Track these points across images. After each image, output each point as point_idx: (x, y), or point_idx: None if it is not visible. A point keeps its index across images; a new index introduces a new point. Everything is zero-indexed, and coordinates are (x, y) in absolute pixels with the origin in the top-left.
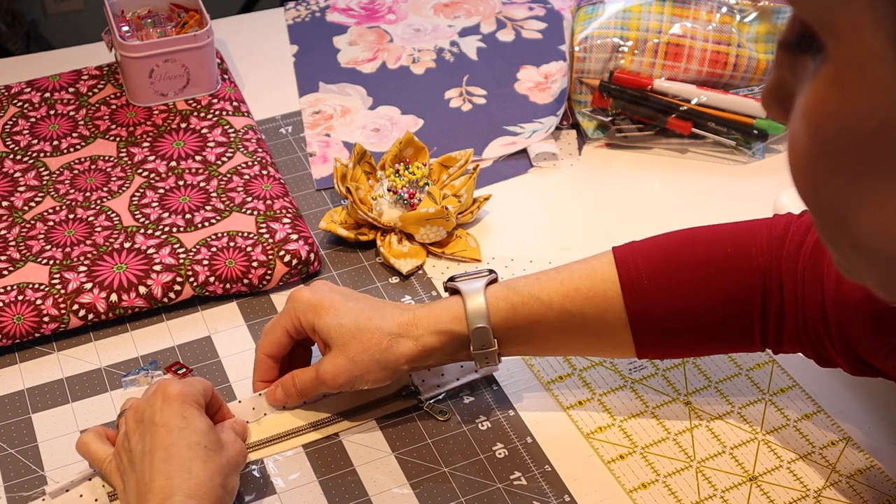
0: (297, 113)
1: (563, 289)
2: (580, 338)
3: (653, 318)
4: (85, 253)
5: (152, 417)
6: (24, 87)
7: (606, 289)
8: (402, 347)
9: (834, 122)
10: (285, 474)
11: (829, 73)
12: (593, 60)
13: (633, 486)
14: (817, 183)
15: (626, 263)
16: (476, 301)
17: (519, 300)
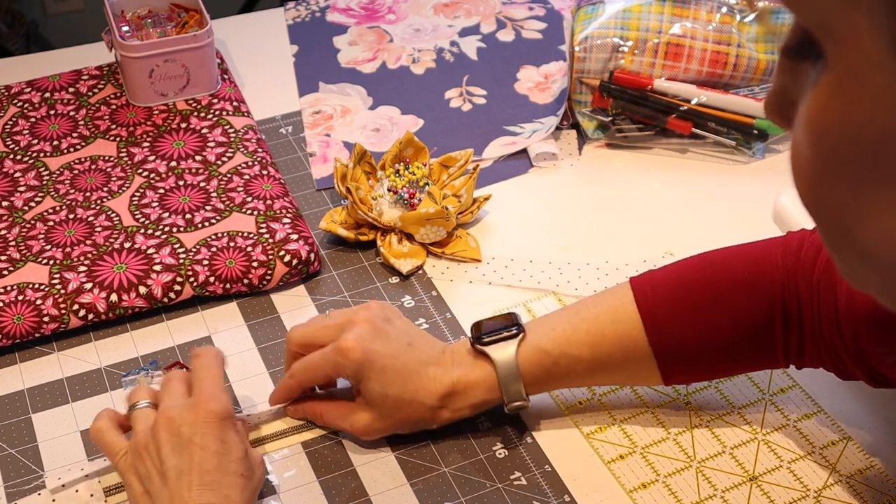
0: (297, 113)
1: (589, 339)
2: (609, 377)
3: (676, 348)
4: (85, 253)
5: (191, 437)
6: (24, 87)
7: (631, 329)
8: (439, 417)
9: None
10: (285, 474)
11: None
12: (593, 60)
13: (633, 486)
14: (820, 191)
15: (646, 300)
16: (511, 373)
17: (550, 361)
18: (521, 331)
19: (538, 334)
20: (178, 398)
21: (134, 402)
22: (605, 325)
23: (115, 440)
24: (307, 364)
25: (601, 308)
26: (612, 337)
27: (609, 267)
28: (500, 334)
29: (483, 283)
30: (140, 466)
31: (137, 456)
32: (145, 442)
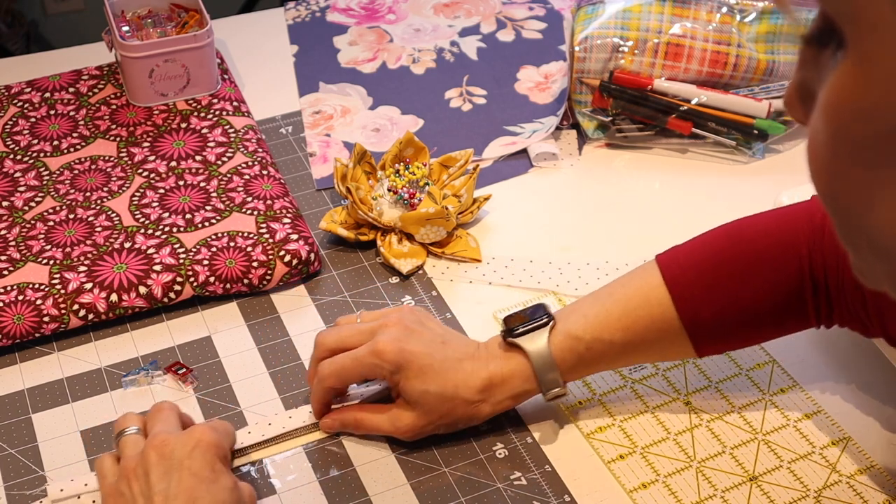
0: (297, 113)
1: (621, 324)
2: (642, 357)
3: (707, 322)
4: (85, 253)
5: (182, 461)
6: (24, 87)
7: (663, 311)
8: (481, 412)
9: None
10: (285, 474)
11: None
12: (593, 60)
13: (633, 486)
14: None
15: (674, 278)
16: (545, 361)
17: (584, 347)
18: (551, 319)
19: (569, 322)
20: (171, 425)
21: (122, 429)
22: (637, 308)
23: (108, 466)
24: (339, 366)
25: (630, 291)
26: (644, 319)
27: (609, 267)
28: (531, 325)
29: (483, 283)
30: (126, 490)
31: (124, 480)
32: (134, 465)
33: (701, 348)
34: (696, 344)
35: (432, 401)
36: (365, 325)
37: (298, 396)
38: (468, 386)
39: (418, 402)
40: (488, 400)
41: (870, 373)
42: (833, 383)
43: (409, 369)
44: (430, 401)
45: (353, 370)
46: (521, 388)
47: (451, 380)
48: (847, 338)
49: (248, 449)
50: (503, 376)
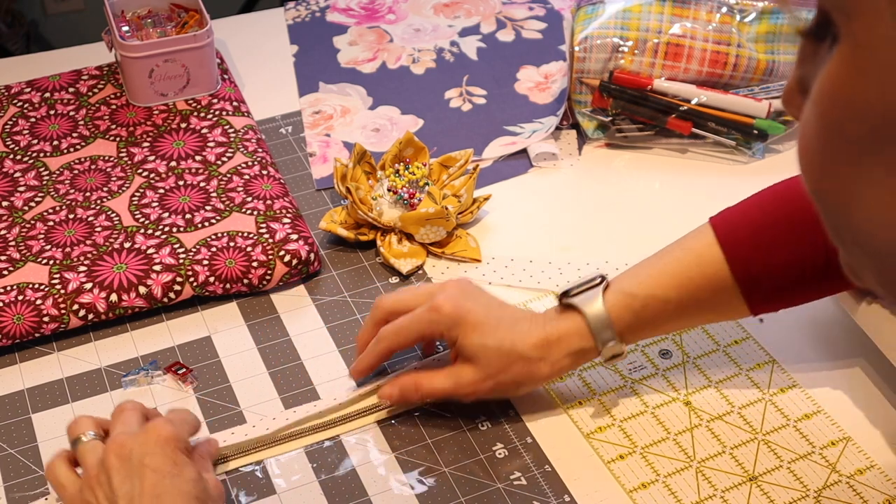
0: (297, 113)
1: (675, 282)
2: (698, 317)
3: (761, 281)
4: (85, 253)
5: (142, 459)
6: (24, 87)
7: (717, 270)
8: (540, 371)
9: (842, 105)
10: (285, 475)
11: (841, 55)
12: (593, 60)
13: (633, 486)
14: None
15: (727, 238)
16: (600, 317)
17: (639, 304)
18: (605, 279)
19: (623, 282)
20: (130, 426)
21: (77, 436)
22: (690, 267)
23: (65, 475)
24: (398, 326)
25: (683, 252)
26: (698, 279)
27: (609, 267)
28: (585, 287)
29: (483, 283)
30: (91, 498)
31: (88, 489)
32: (96, 473)
33: (755, 307)
34: (750, 303)
35: (491, 355)
36: (422, 289)
37: (298, 396)
38: (525, 342)
39: (477, 355)
40: (546, 358)
41: (870, 373)
42: (833, 383)
43: (467, 324)
44: (489, 355)
45: (411, 328)
46: (577, 345)
47: (508, 335)
48: (847, 338)
49: (249, 448)
50: (559, 334)
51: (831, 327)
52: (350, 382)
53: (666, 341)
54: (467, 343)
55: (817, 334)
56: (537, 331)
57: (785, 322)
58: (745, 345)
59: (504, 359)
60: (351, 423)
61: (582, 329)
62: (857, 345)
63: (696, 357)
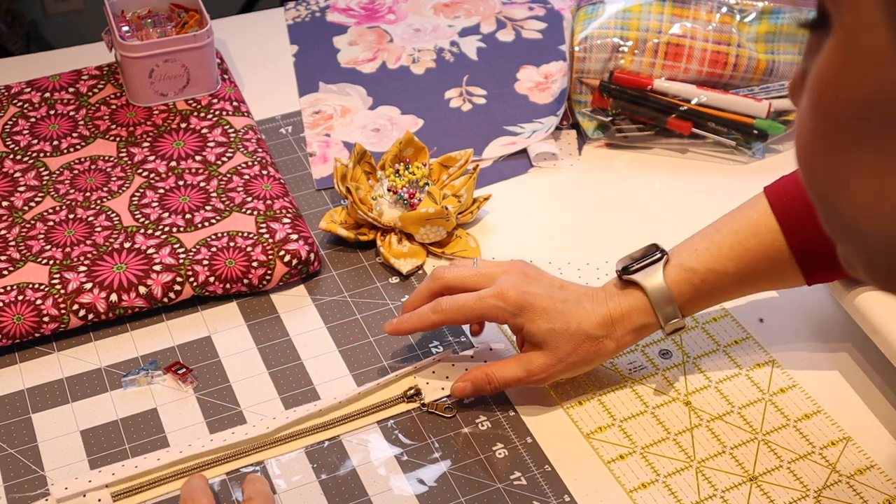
0: (297, 113)
1: (734, 254)
2: (756, 287)
3: (817, 250)
4: (85, 253)
5: None
6: (24, 87)
7: (773, 240)
8: (606, 349)
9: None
10: (286, 475)
11: (831, 43)
12: (593, 60)
13: (633, 486)
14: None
15: (782, 207)
16: (662, 294)
17: (698, 279)
18: (665, 254)
19: (682, 256)
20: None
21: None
22: (748, 239)
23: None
24: (461, 303)
25: (740, 223)
26: (755, 249)
27: (609, 267)
28: (645, 262)
29: None
30: None
31: None
32: None
33: (811, 276)
34: (806, 272)
35: (559, 338)
36: (483, 269)
37: (298, 396)
38: (590, 321)
39: (545, 340)
40: (611, 335)
41: (870, 373)
42: (833, 383)
43: (533, 311)
44: (557, 338)
45: (474, 308)
46: (640, 321)
47: (574, 317)
48: (847, 337)
49: (249, 448)
50: (622, 312)
51: (832, 327)
52: (351, 383)
53: (666, 341)
54: (535, 329)
55: (818, 334)
56: (600, 309)
57: (785, 322)
58: (745, 345)
59: (572, 341)
60: (351, 423)
61: (644, 306)
62: (857, 345)
63: (696, 357)
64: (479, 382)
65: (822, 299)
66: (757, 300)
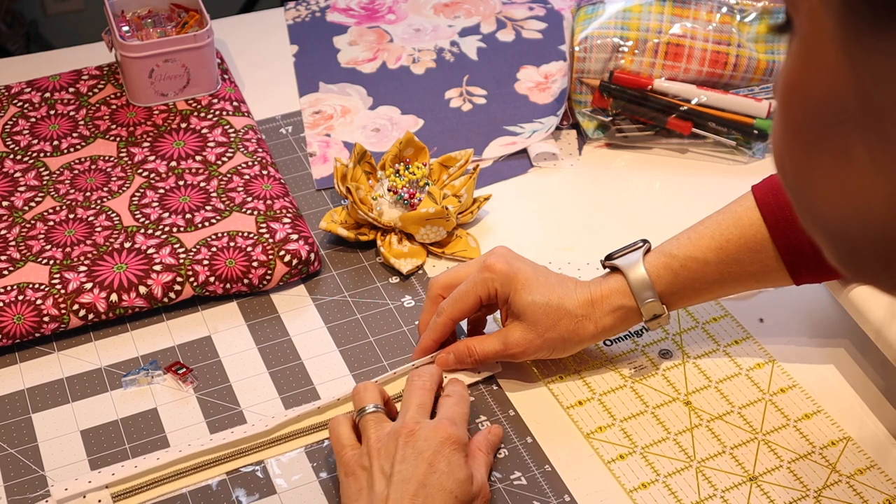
0: (297, 113)
1: (715, 243)
2: (739, 283)
3: (804, 248)
4: (85, 253)
5: (424, 450)
6: (24, 87)
7: (755, 232)
8: (586, 329)
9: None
10: (286, 475)
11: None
12: (593, 60)
13: (633, 486)
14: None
15: (767, 203)
16: (639, 276)
17: (678, 264)
18: (647, 243)
19: (664, 244)
20: (425, 412)
21: (363, 406)
22: (729, 229)
23: (347, 434)
24: (456, 295)
25: (723, 215)
26: (736, 240)
27: None
28: (626, 250)
29: None
30: (369, 464)
31: (367, 455)
32: (379, 446)
33: (798, 276)
34: (793, 271)
35: (538, 311)
36: (472, 261)
37: (298, 396)
38: (571, 298)
39: (525, 312)
40: (591, 316)
41: (870, 373)
42: (833, 383)
43: (517, 280)
44: (537, 311)
45: (468, 293)
46: (618, 302)
47: (556, 291)
48: (847, 338)
49: (249, 448)
50: (602, 293)
51: (832, 327)
52: (351, 382)
53: (666, 341)
54: (517, 299)
55: (817, 334)
56: (583, 290)
57: (785, 322)
58: (745, 345)
59: (552, 315)
60: None
61: (623, 287)
62: (857, 344)
63: (696, 357)
64: (460, 354)
65: (821, 299)
66: (757, 300)
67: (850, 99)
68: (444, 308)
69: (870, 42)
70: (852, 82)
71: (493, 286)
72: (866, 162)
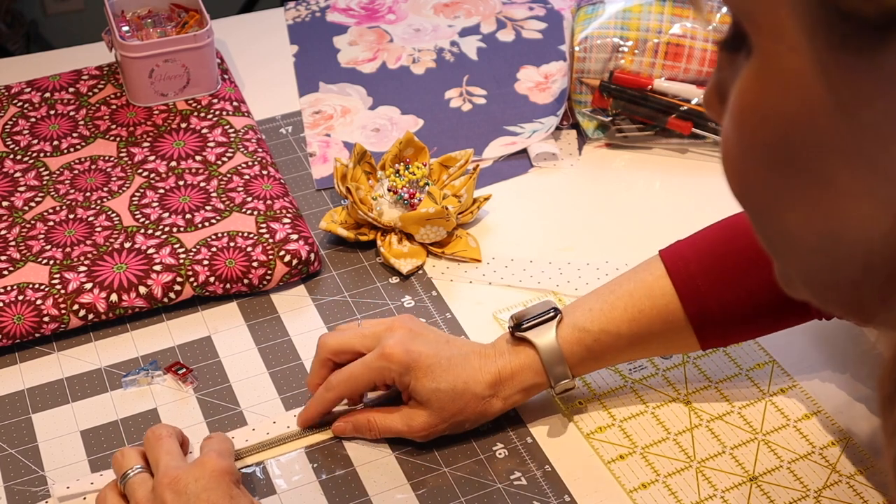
0: (297, 113)
1: (627, 315)
2: (648, 350)
3: (712, 314)
4: (85, 253)
5: (199, 494)
6: (24, 87)
7: (667, 303)
8: (493, 408)
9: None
10: (285, 475)
11: (752, 65)
12: (593, 60)
13: (633, 486)
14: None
15: (677, 271)
16: (553, 354)
17: (591, 339)
18: (559, 313)
19: (576, 315)
20: (176, 456)
21: (125, 471)
22: (642, 301)
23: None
24: (348, 374)
25: (635, 284)
26: (649, 311)
27: (609, 267)
28: (538, 319)
29: (483, 283)
30: None
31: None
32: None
33: (705, 341)
34: (700, 336)
35: (444, 398)
36: (367, 329)
37: (298, 396)
38: (477, 381)
39: (430, 400)
40: (498, 395)
41: (870, 373)
42: (833, 383)
43: (418, 369)
44: (442, 398)
45: (362, 376)
46: (531, 381)
47: (461, 376)
48: (847, 337)
49: (250, 450)
50: (512, 370)
51: (832, 327)
52: None
53: None
54: (419, 388)
55: (818, 334)
56: (489, 367)
57: None
58: (745, 345)
59: (458, 401)
60: None
61: (535, 365)
62: (857, 344)
63: (696, 357)
64: (360, 426)
65: None
66: None
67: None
68: (334, 385)
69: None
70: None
71: (391, 376)
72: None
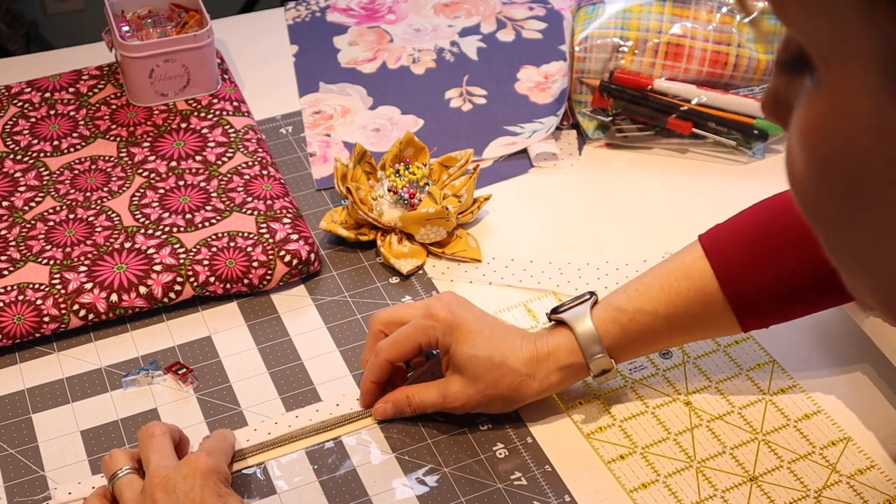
0: (298, 113)
1: (664, 295)
2: (688, 333)
3: (751, 296)
4: (85, 253)
5: (187, 493)
6: (24, 87)
7: (705, 283)
8: (528, 388)
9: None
10: (286, 475)
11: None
12: (593, 60)
13: (633, 486)
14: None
15: (715, 252)
16: (587, 331)
17: (626, 318)
18: (594, 295)
19: (612, 297)
20: (167, 455)
21: (114, 472)
22: (678, 281)
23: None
24: (395, 337)
25: (672, 266)
26: (685, 292)
27: (609, 267)
28: (574, 303)
29: (483, 283)
30: None
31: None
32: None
33: (745, 322)
34: (741, 318)
35: (480, 367)
36: (418, 302)
37: (299, 396)
38: (517, 356)
39: (466, 366)
40: (536, 375)
41: (870, 373)
42: (833, 383)
43: (460, 332)
44: (478, 366)
45: (407, 337)
46: (566, 360)
47: (500, 347)
48: (847, 337)
49: (250, 451)
50: (549, 349)
51: (832, 327)
52: (351, 383)
53: None
54: (459, 351)
55: (818, 334)
56: (528, 346)
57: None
58: (745, 345)
59: (494, 372)
60: (351, 423)
61: (571, 343)
62: (857, 344)
63: (696, 357)
64: (399, 403)
65: None
66: None
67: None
68: (381, 349)
69: None
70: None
71: (435, 335)
72: None
